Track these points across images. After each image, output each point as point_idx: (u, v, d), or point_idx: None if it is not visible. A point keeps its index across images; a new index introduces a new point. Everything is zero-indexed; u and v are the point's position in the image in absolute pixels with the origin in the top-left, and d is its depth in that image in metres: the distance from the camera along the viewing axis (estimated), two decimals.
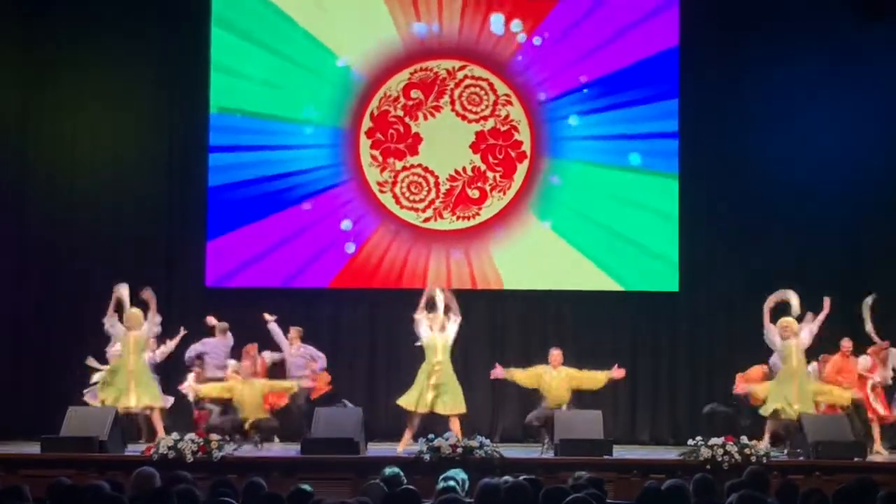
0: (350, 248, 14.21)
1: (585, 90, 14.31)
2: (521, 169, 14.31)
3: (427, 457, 10.46)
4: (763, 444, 11.06)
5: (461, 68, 14.38)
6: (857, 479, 6.05)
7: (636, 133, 14.23)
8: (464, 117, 14.36)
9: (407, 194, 14.28)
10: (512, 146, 14.35)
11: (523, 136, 14.34)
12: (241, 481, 6.71)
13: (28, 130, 14.44)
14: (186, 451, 10.42)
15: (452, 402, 11.65)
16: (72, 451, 10.68)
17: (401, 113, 14.34)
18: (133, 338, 11.75)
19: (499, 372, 12.16)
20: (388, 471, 7.17)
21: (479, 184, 14.31)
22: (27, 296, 14.17)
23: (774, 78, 14.13)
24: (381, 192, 14.30)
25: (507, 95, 14.38)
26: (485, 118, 14.37)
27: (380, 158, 14.31)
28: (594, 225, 14.20)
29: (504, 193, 14.29)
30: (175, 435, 10.74)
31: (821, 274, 13.98)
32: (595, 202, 14.24)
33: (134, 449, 11.32)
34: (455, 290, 12.70)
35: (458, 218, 14.28)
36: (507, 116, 14.37)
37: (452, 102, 14.37)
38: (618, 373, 12.15)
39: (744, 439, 10.73)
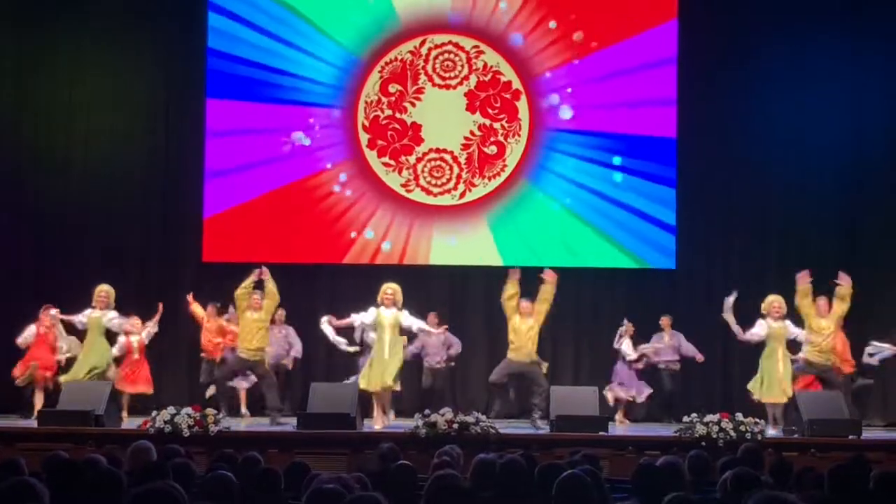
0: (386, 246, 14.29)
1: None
2: (523, 108, 14.30)
3: (423, 432, 10.47)
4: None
5: (422, 44, 14.34)
6: (852, 458, 6.07)
7: (633, 100, 14.22)
8: (447, 87, 14.34)
9: (433, 181, 14.26)
10: (503, 89, 14.33)
11: (508, 75, 14.32)
12: (237, 456, 6.71)
13: (23, 105, 14.44)
14: (183, 426, 10.44)
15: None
16: (68, 424, 10.70)
17: (389, 112, 14.30)
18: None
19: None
20: (384, 446, 7.18)
21: (492, 139, 14.30)
22: (23, 269, 14.17)
23: (776, 61, 14.14)
24: (409, 191, 14.28)
25: (475, 47, 14.35)
26: (466, 77, 14.35)
27: (392, 162, 14.29)
28: (590, 201, 14.21)
29: (519, 136, 14.29)
30: (172, 409, 10.76)
31: (815, 248, 14.08)
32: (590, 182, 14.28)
33: (130, 422, 11.33)
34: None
35: (489, 179, 14.28)
36: (485, 66, 14.35)
37: (430, 79, 14.34)
38: (548, 275, 12.18)
39: (739, 416, 10.75)
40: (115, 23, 14.40)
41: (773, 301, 11.94)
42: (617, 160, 14.22)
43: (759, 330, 11.98)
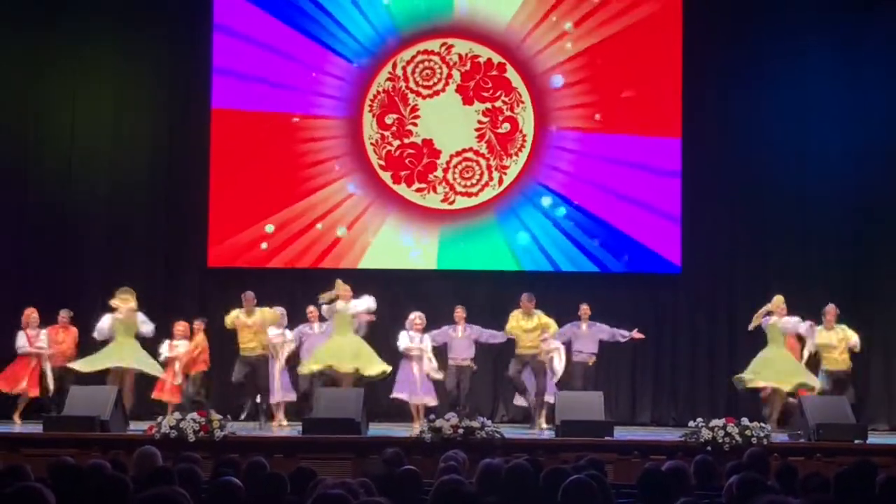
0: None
1: None
2: (513, 76, 14.28)
3: (428, 437, 10.47)
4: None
5: (393, 66, 14.32)
6: (857, 462, 6.06)
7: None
8: (436, 93, 14.36)
9: (468, 184, 14.25)
10: (486, 69, 14.34)
11: (485, 54, 14.31)
12: (242, 461, 6.72)
13: (29, 110, 14.49)
14: (188, 431, 10.44)
15: None
16: (74, 430, 10.69)
17: (397, 142, 14.29)
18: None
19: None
20: (389, 451, 7.17)
21: (499, 118, 14.32)
22: (29, 276, 14.18)
23: (777, 69, 14.15)
24: (451, 204, 14.27)
25: (444, 44, 14.37)
26: (448, 76, 14.36)
27: (424, 185, 14.28)
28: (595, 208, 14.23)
29: (523, 103, 14.28)
30: (177, 414, 10.77)
31: (819, 254, 14.09)
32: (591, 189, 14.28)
33: (136, 428, 11.34)
34: None
35: (515, 155, 14.25)
36: (461, 56, 14.35)
37: (418, 94, 14.35)
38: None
39: (744, 421, 10.74)
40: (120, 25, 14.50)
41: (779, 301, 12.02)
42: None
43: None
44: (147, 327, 12.27)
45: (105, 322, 12.21)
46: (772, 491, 5.37)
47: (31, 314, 12.78)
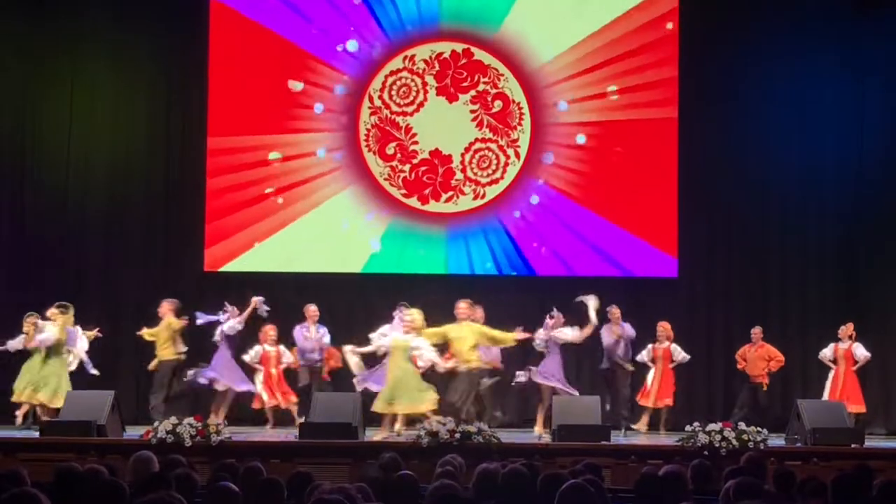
0: None
1: None
2: (483, 56, 14.28)
3: (425, 441, 10.46)
4: None
5: (371, 99, 14.30)
6: (855, 467, 6.06)
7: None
8: (420, 105, 14.34)
9: (488, 172, 14.23)
10: (454, 60, 14.33)
11: (447, 49, 14.34)
12: (239, 466, 6.69)
13: (26, 110, 14.50)
14: (185, 436, 10.43)
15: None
16: (70, 435, 10.68)
17: (408, 165, 14.26)
18: None
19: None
20: (385, 456, 7.17)
21: (488, 99, 14.32)
22: (27, 278, 14.18)
23: (774, 68, 14.18)
24: (482, 198, 14.25)
25: (405, 58, 14.33)
26: (424, 85, 14.32)
27: (451, 193, 14.26)
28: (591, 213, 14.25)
29: (504, 77, 14.26)
30: (173, 419, 10.76)
31: (815, 258, 14.11)
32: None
33: (132, 433, 11.32)
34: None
35: (520, 125, 14.23)
36: (426, 62, 14.33)
37: (404, 114, 14.32)
38: (522, 335, 12.21)
39: (741, 425, 10.75)
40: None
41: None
42: None
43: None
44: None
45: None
46: (769, 495, 5.37)
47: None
